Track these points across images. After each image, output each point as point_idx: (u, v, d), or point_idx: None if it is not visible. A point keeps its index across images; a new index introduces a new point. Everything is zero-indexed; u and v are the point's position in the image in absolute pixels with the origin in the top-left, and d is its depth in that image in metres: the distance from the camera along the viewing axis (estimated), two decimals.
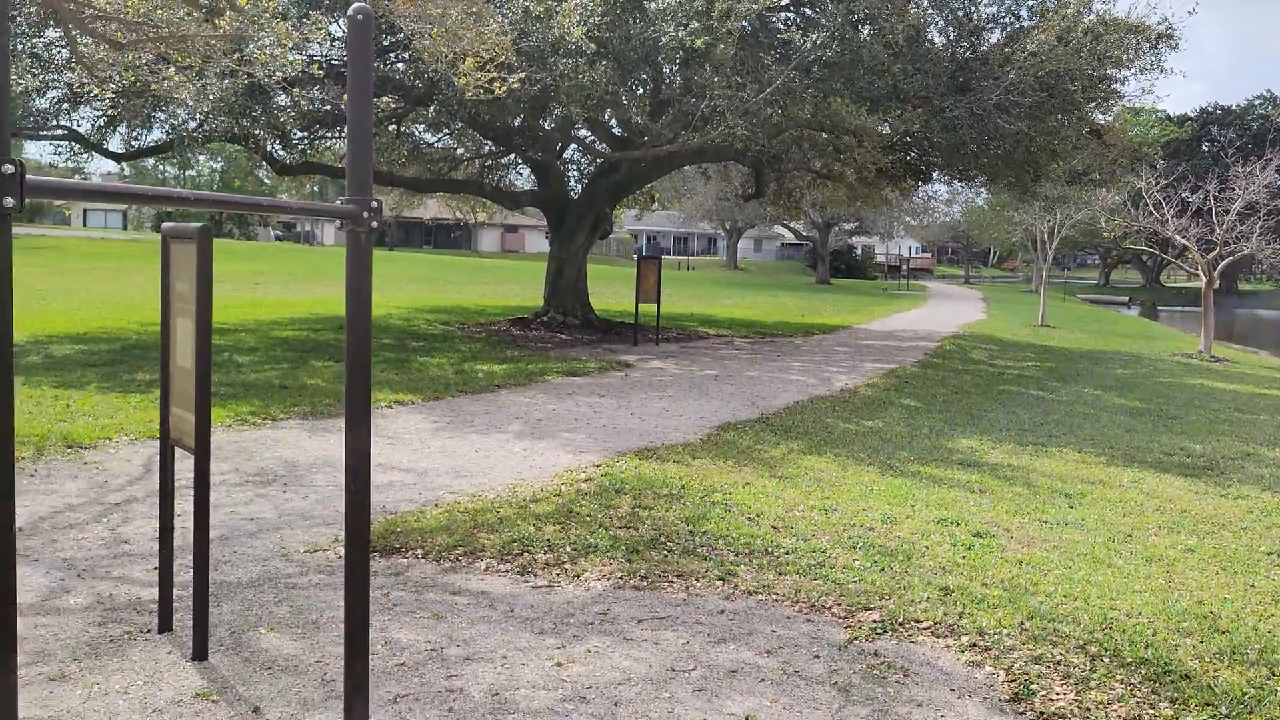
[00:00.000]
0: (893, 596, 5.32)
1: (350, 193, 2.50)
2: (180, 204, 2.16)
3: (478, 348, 17.15)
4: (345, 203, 2.49)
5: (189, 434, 4.25)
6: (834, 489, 7.80)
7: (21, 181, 1.49)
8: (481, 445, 9.19)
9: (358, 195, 2.49)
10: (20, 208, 1.49)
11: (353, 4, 2.41)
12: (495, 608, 5.02)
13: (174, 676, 4.13)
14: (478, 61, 9.38)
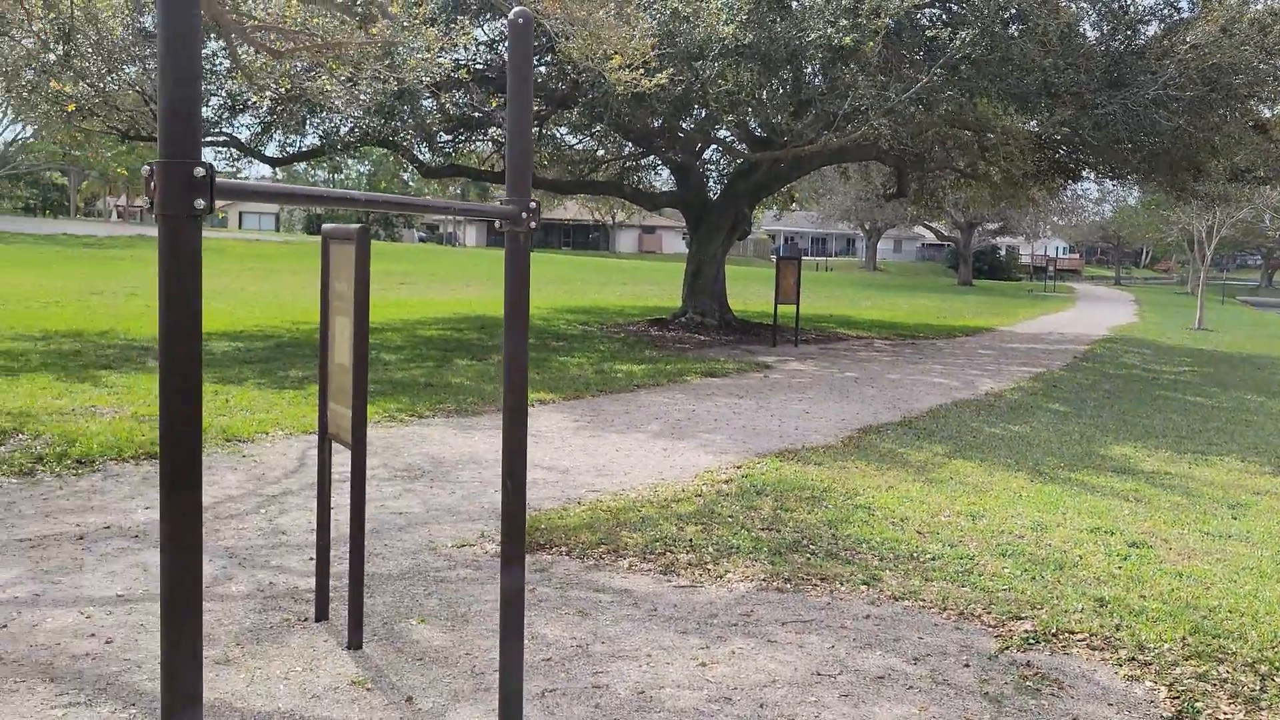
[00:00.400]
0: (1045, 606, 5.17)
1: (509, 194, 2.54)
2: (352, 205, 2.22)
3: (616, 348, 17.28)
4: (504, 203, 2.53)
5: (346, 429, 4.38)
6: (980, 494, 7.62)
7: (211, 184, 1.55)
8: (621, 444, 9.25)
9: (517, 196, 2.52)
10: (210, 209, 1.56)
11: (512, 8, 2.45)
12: (639, 606, 5.04)
13: (331, 664, 4.26)
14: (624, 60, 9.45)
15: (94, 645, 4.39)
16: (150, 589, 5.13)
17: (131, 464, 7.74)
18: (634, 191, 23.60)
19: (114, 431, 8.54)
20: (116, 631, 4.55)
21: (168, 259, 1.55)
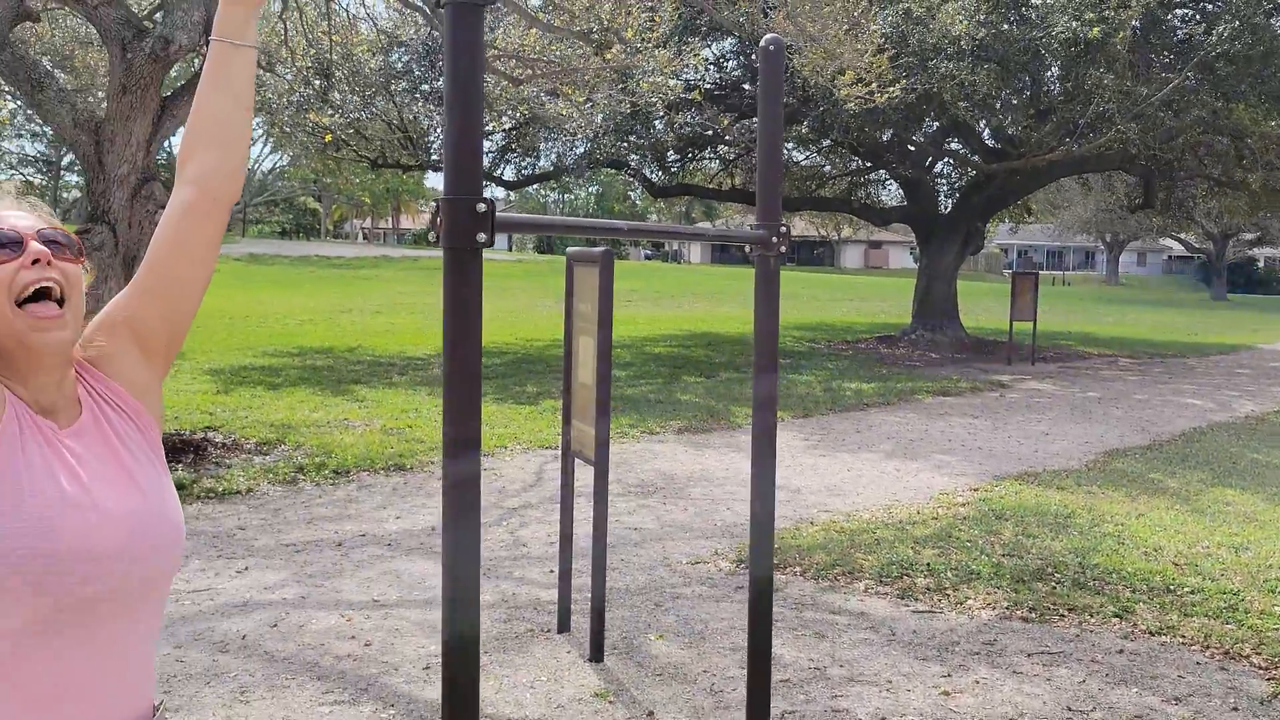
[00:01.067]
0: None
1: (760, 218, 2.56)
2: (618, 234, 2.29)
3: (844, 365, 17.09)
4: (755, 228, 2.55)
5: (589, 447, 4.49)
6: (1244, 525, 7.14)
7: (492, 218, 1.63)
8: (853, 464, 9.14)
9: (767, 220, 2.54)
10: (490, 241, 1.64)
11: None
12: (876, 630, 4.97)
13: (574, 675, 4.37)
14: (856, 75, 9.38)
15: (354, 647, 4.65)
16: (402, 595, 5.40)
17: (382, 475, 8.17)
18: (862, 206, 23.32)
19: (365, 444, 9.04)
20: (374, 635, 4.81)
21: (452, 287, 1.64)
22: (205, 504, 7.06)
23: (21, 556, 1.35)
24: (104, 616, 1.44)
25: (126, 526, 1.47)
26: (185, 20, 8.18)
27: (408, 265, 43.88)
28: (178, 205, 1.65)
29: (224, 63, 1.66)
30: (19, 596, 1.35)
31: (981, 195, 20.76)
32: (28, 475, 1.40)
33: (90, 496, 1.45)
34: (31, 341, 1.45)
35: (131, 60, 8.10)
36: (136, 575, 1.47)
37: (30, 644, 1.37)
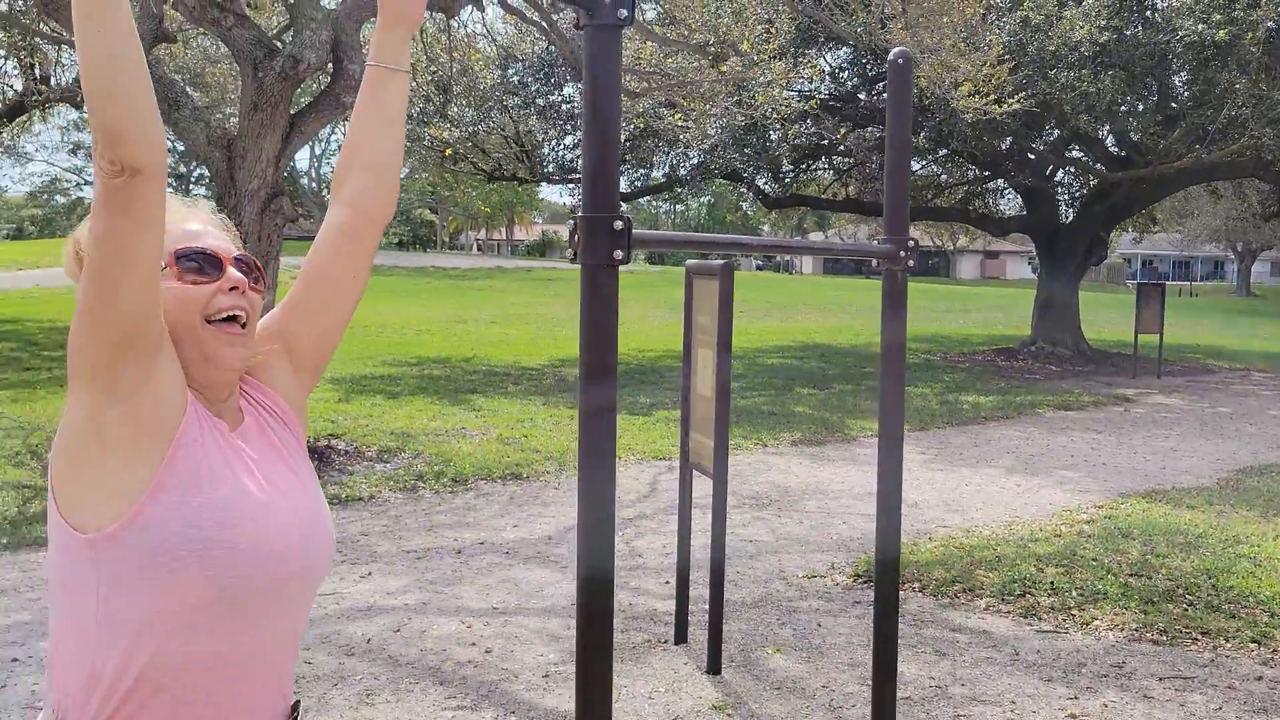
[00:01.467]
0: None
1: (887, 232, 2.55)
2: (746, 250, 2.30)
3: (961, 378, 16.80)
4: (882, 242, 2.54)
5: (707, 459, 4.50)
6: None
7: (629, 236, 1.66)
8: (971, 479, 8.98)
9: (895, 235, 2.52)
10: (627, 259, 1.66)
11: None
12: (999, 649, 4.87)
13: (691, 687, 4.38)
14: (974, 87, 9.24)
15: (475, 654, 4.73)
16: (521, 603, 5.47)
17: (499, 484, 8.29)
18: (980, 216, 22.91)
19: (483, 453, 9.18)
20: (494, 642, 4.88)
21: (589, 303, 1.67)
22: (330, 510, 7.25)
23: (201, 544, 1.41)
24: (260, 610, 1.49)
25: (297, 524, 1.55)
26: (314, 40, 8.43)
27: (521, 276, 44.43)
28: (334, 225, 1.70)
29: (380, 87, 1.70)
30: (190, 582, 1.41)
31: (1105, 204, 20.22)
32: (208, 469, 1.46)
33: (265, 494, 1.51)
34: (217, 356, 1.52)
35: (262, 79, 8.38)
36: (299, 572, 1.54)
37: (180, 636, 1.43)
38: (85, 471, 1.43)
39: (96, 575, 1.42)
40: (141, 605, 1.41)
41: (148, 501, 1.41)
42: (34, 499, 7.28)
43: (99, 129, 1.31)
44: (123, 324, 1.38)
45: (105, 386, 1.41)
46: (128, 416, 1.42)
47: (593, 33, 1.66)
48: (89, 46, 1.30)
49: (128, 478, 1.42)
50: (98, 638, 1.43)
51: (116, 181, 1.33)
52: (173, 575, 1.40)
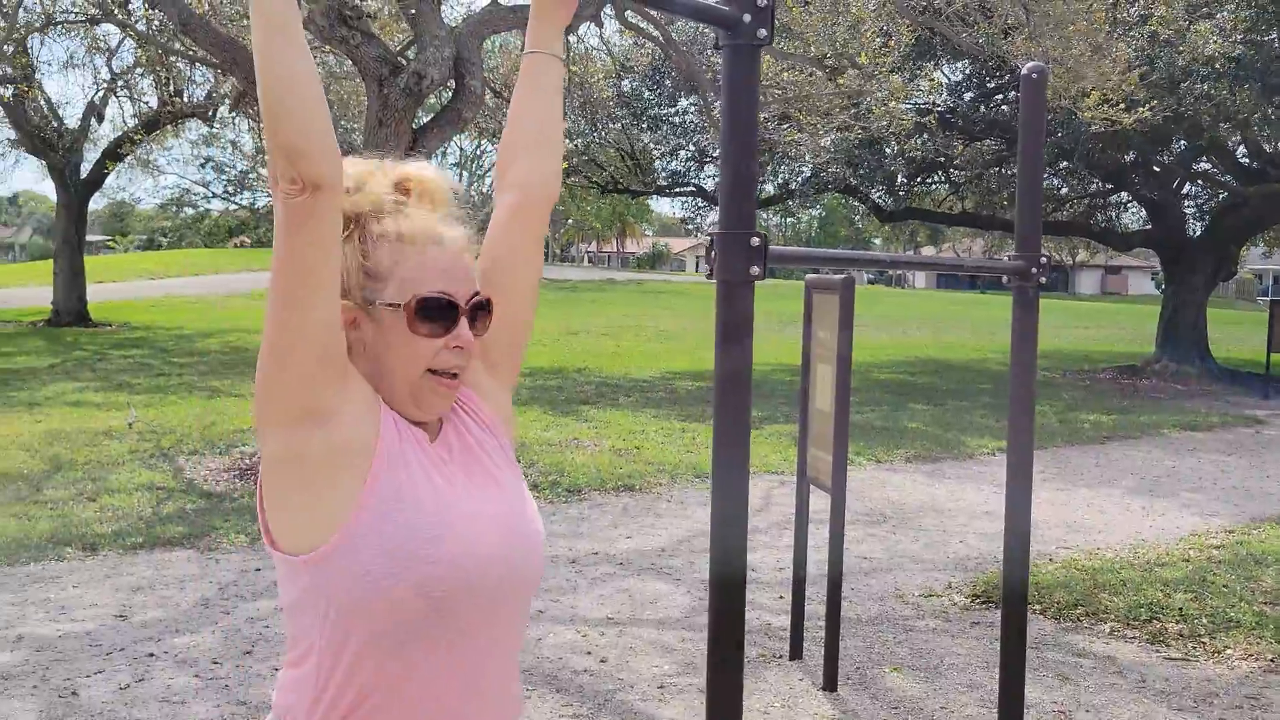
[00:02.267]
0: None
1: (1018, 249, 2.52)
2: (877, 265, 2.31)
3: (1081, 396, 16.39)
4: (1013, 259, 2.51)
5: (825, 474, 4.48)
6: None
7: (765, 252, 1.68)
8: (1092, 499, 8.76)
9: (1026, 251, 2.50)
10: (763, 275, 1.68)
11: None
12: (1124, 676, 4.75)
13: (807, 704, 4.36)
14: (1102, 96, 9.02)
15: (590, 662, 4.77)
16: (635, 613, 5.50)
17: (612, 495, 8.35)
18: (1102, 231, 22.35)
19: (596, 464, 9.26)
20: (609, 651, 4.92)
21: (725, 318, 1.69)
22: None
23: (407, 558, 1.43)
24: (476, 622, 1.51)
25: (499, 529, 1.54)
26: (437, 57, 8.63)
27: (632, 289, 44.67)
28: (504, 211, 1.72)
29: (539, 73, 1.74)
30: (401, 598, 1.43)
31: (1235, 218, 19.56)
32: (409, 483, 1.47)
33: (466, 502, 1.51)
34: (425, 403, 1.54)
35: (387, 95, 8.60)
36: (507, 579, 1.53)
37: (397, 650, 1.46)
38: (292, 499, 1.47)
39: (318, 599, 1.46)
40: (359, 626, 1.44)
41: (353, 522, 1.44)
42: (167, 500, 7.57)
43: (278, 148, 1.34)
44: (316, 348, 1.41)
45: (301, 415, 1.43)
46: (325, 440, 1.43)
47: (731, 52, 1.69)
48: (271, 61, 1.34)
49: (331, 500, 1.44)
50: (320, 659, 1.47)
51: (298, 200, 1.35)
52: (384, 593, 1.42)
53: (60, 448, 9.29)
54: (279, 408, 1.43)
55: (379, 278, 1.52)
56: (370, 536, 1.43)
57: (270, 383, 1.43)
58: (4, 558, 6.13)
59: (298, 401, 1.42)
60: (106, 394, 12.81)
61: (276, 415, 1.43)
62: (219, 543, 6.60)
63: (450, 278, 1.54)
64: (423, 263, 1.53)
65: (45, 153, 21.82)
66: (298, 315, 1.39)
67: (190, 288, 32.99)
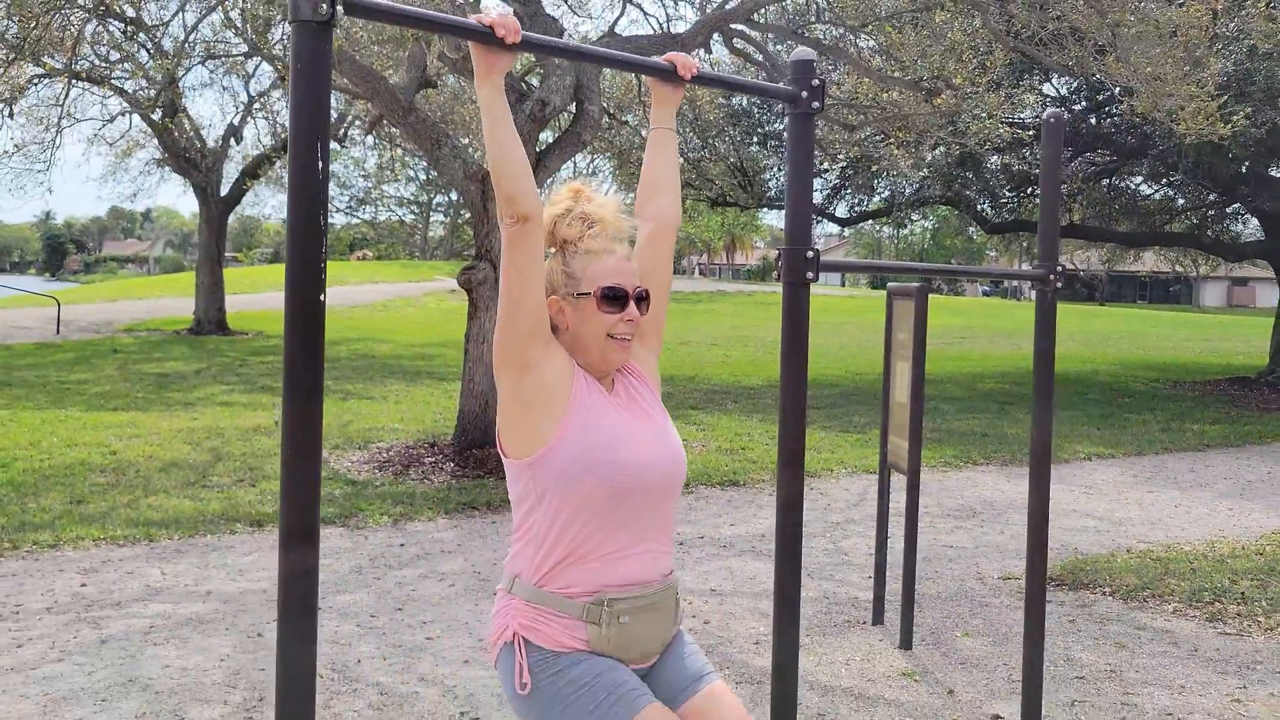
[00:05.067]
0: None
1: (1040, 259, 3.12)
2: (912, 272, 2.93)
3: (1188, 406, 16.49)
4: (1035, 267, 3.11)
5: (903, 458, 5.08)
6: None
7: (817, 262, 2.33)
8: (1181, 501, 9.11)
9: (1045, 261, 3.09)
10: (816, 278, 2.33)
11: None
12: (1178, 645, 5.24)
13: (884, 658, 4.97)
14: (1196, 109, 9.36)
15: (695, 624, 5.43)
16: (736, 587, 6.15)
17: (718, 489, 9.00)
18: (1214, 242, 22.23)
19: (704, 462, 9.92)
20: (712, 615, 5.58)
21: (789, 314, 2.35)
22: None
23: (592, 463, 2.21)
24: (639, 511, 2.27)
25: (654, 445, 2.31)
26: (559, 84, 9.40)
27: (742, 300, 45.24)
28: (643, 236, 2.51)
29: (661, 143, 2.54)
30: (589, 489, 2.20)
31: None
32: (593, 415, 2.26)
33: (631, 428, 2.30)
34: (607, 359, 2.33)
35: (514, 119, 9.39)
36: (661, 478, 2.30)
37: (595, 527, 2.24)
38: (519, 425, 2.26)
39: (535, 490, 2.26)
40: (564, 507, 2.22)
41: (557, 439, 2.22)
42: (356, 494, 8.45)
43: (501, 195, 2.15)
44: (526, 322, 2.20)
45: (520, 367, 2.23)
46: (536, 385, 2.24)
47: (793, 120, 2.35)
48: (496, 143, 2.13)
49: (543, 424, 2.23)
50: (537, 531, 2.27)
51: (515, 228, 2.16)
52: (577, 485, 2.21)
53: (217, 441, 10.29)
54: (508, 359, 2.22)
55: (576, 279, 2.32)
56: (567, 448, 2.21)
57: (503, 343, 2.22)
58: (185, 530, 7.04)
59: (518, 355, 2.22)
60: (251, 395, 13.91)
61: (507, 364, 2.23)
62: (365, 522, 7.44)
63: (620, 275, 2.33)
64: (602, 267, 2.32)
65: (189, 172, 23.31)
66: (515, 302, 2.20)
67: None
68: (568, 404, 2.24)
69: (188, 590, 5.81)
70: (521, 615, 2.26)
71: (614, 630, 2.23)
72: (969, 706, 4.43)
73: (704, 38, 10.22)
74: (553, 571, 2.24)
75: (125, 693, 4.37)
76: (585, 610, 2.22)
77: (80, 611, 5.40)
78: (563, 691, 2.19)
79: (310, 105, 1.67)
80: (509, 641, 2.27)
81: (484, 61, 2.05)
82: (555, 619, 2.23)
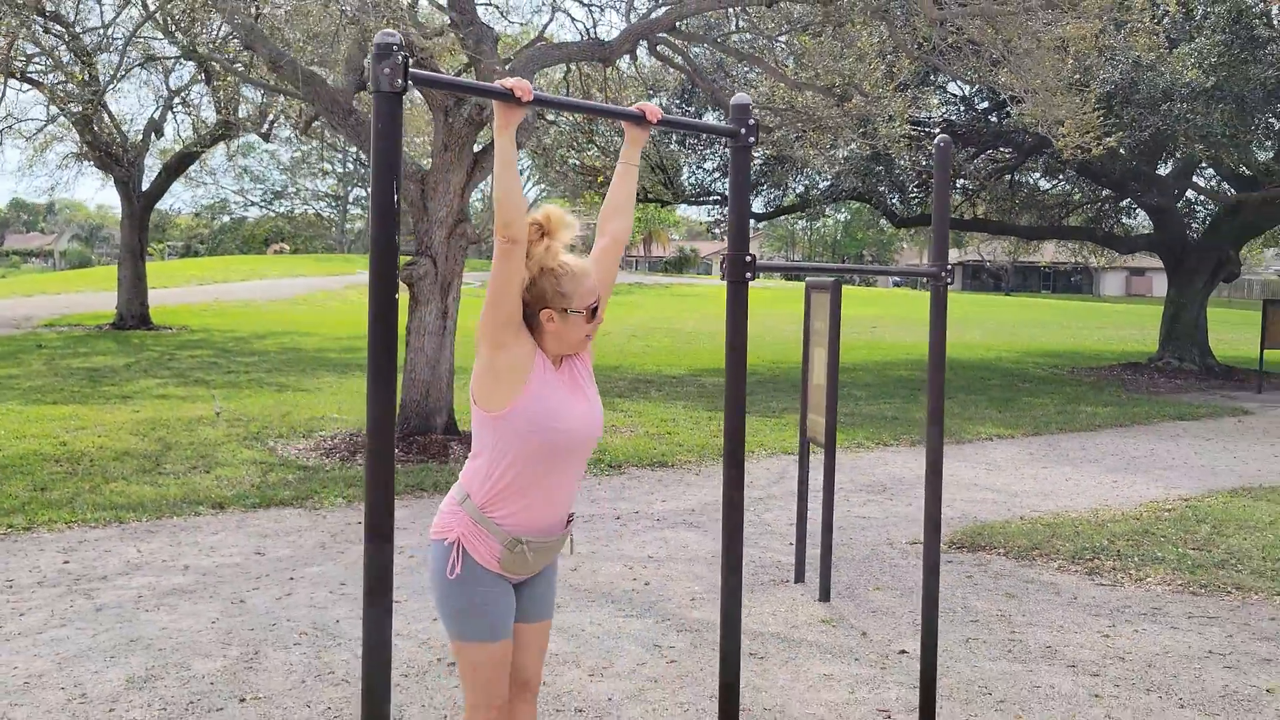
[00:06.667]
0: None
1: (933, 258, 3.77)
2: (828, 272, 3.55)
3: (1084, 390, 17.52)
4: (930, 266, 3.76)
5: (820, 432, 5.74)
6: None
7: (754, 264, 2.93)
8: (1072, 475, 9.94)
9: (937, 260, 3.74)
10: (754, 277, 2.93)
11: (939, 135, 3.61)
12: (1060, 595, 5.98)
13: (805, 609, 5.63)
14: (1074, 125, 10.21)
15: (636, 585, 6.04)
16: (671, 554, 6.77)
17: (649, 470, 9.62)
18: (1107, 235, 23.45)
19: (633, 445, 10.53)
20: (652, 578, 6.19)
21: (732, 306, 2.95)
22: None
23: (540, 424, 2.85)
24: (566, 462, 2.93)
25: (585, 415, 2.96)
26: None
27: (660, 292, 45.92)
28: (601, 248, 3.13)
29: (625, 176, 3.14)
30: (535, 443, 2.85)
31: (1234, 222, 20.66)
32: (548, 389, 2.90)
33: (571, 401, 2.94)
34: (579, 350, 3.00)
35: (451, 123, 9.91)
36: (585, 440, 2.96)
37: (533, 470, 2.88)
38: (491, 389, 2.87)
39: (493, 434, 2.88)
40: (511, 453, 2.87)
41: (518, 401, 2.85)
42: (270, 471, 8.89)
43: (501, 222, 2.75)
44: (504, 314, 2.83)
45: (496, 345, 2.84)
46: (506, 360, 2.86)
47: (734, 153, 2.95)
48: (501, 181, 2.72)
49: (508, 390, 2.86)
50: (490, 462, 2.89)
51: (507, 246, 2.76)
52: (527, 440, 2.86)
53: (163, 432, 10.64)
54: (489, 338, 2.84)
55: (568, 297, 2.92)
56: (523, 411, 2.86)
57: (485, 324, 2.84)
58: (151, 514, 7.46)
59: (495, 335, 2.83)
60: (187, 389, 14.19)
61: (487, 341, 2.85)
62: (322, 503, 7.92)
63: (594, 295, 2.97)
64: (584, 288, 2.95)
65: (111, 167, 23.27)
66: (500, 299, 2.81)
67: (237, 293, 34.48)
68: (527, 378, 2.87)
69: (166, 565, 6.27)
70: (466, 528, 2.93)
71: (517, 559, 2.96)
72: (880, 645, 5.11)
73: (630, 45, 10.82)
74: (494, 499, 2.90)
75: (130, 650, 4.86)
76: (508, 542, 2.92)
77: (70, 585, 5.84)
78: (473, 598, 2.94)
79: (388, 155, 2.23)
80: (451, 542, 2.94)
81: (503, 116, 2.62)
82: (486, 540, 2.91)
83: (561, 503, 2.99)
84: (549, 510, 2.96)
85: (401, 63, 2.18)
